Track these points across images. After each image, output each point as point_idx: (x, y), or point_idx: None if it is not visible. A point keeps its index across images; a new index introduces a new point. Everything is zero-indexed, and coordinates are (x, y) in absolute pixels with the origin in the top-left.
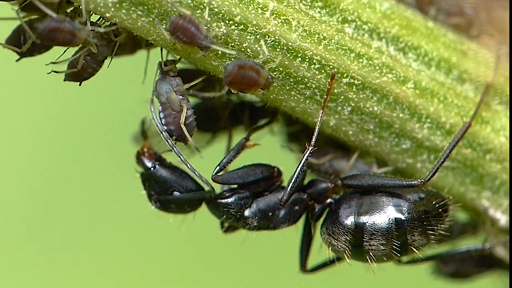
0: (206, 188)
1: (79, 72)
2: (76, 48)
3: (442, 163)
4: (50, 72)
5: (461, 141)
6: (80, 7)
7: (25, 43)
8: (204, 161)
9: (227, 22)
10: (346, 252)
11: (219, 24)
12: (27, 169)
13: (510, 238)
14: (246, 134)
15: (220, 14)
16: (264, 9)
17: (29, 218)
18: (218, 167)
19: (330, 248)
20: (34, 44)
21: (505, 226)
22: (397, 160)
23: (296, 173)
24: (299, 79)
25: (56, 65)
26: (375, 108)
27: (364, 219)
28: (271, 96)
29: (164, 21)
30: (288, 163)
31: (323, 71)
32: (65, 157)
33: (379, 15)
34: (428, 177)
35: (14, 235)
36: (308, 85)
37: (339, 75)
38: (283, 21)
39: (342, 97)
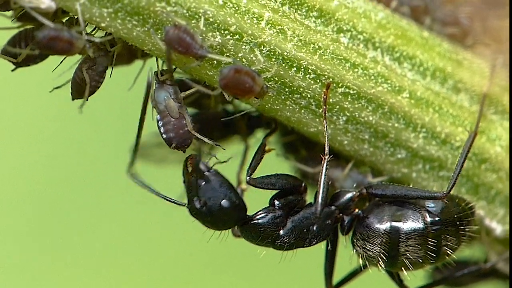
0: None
1: (83, 88)
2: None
3: (459, 173)
4: (52, 91)
5: (456, 151)
6: (76, 17)
7: (21, 53)
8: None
9: (222, 32)
10: (381, 259)
11: (214, 34)
12: (27, 169)
13: (510, 247)
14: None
15: (215, 24)
16: (259, 19)
17: (29, 218)
18: (249, 171)
19: (363, 258)
20: (30, 54)
21: (500, 236)
22: (392, 169)
23: (322, 185)
24: (294, 88)
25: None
26: (370, 118)
27: (399, 222)
28: (267, 106)
29: (159, 31)
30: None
31: (318, 80)
32: (66, 157)
33: (374, 24)
34: (449, 189)
35: (14, 235)
36: (303, 94)
37: (334, 85)
38: (278, 31)
39: (337, 106)
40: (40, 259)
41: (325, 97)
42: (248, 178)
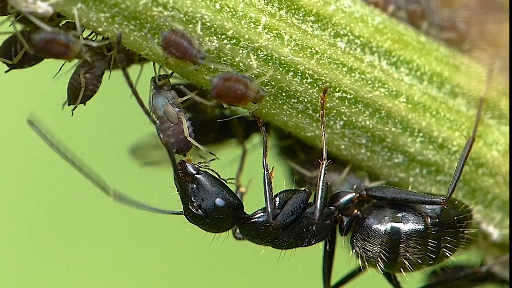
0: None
1: (80, 92)
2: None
3: (458, 178)
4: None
5: (453, 156)
6: (73, 21)
7: (16, 55)
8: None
9: (219, 36)
10: (380, 260)
11: (211, 38)
12: (27, 170)
13: (510, 252)
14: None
15: (213, 29)
16: (257, 23)
17: (29, 219)
18: (272, 211)
19: (362, 258)
20: (25, 56)
21: (497, 240)
22: (389, 174)
23: (320, 188)
24: (292, 93)
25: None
26: (367, 122)
27: (400, 223)
28: (264, 110)
29: (156, 36)
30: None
31: (315, 85)
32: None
33: (371, 29)
34: (449, 194)
35: (14, 235)
36: (300, 99)
37: (331, 89)
38: (275, 35)
39: (334, 111)
40: (40, 260)
41: (322, 101)
42: (273, 223)
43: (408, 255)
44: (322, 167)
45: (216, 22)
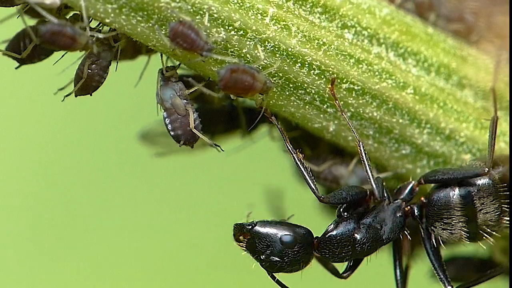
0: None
1: (87, 83)
2: (74, 57)
3: (493, 151)
4: (56, 93)
5: (460, 147)
6: (80, 12)
7: (25, 50)
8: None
9: (226, 27)
10: (463, 233)
11: (218, 29)
12: (27, 170)
13: (510, 243)
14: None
15: (220, 20)
16: (264, 14)
17: (29, 219)
18: (316, 191)
19: (447, 239)
20: (34, 50)
21: (504, 232)
22: (397, 165)
23: (368, 168)
24: (299, 84)
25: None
26: (375, 114)
27: (468, 187)
28: (271, 102)
29: (163, 27)
30: (288, 168)
31: (322, 76)
32: (66, 157)
33: (379, 20)
34: (490, 165)
35: (14, 235)
36: (307, 90)
37: (338, 81)
38: (282, 26)
39: (342, 102)
40: (40, 259)
41: (332, 92)
42: (321, 197)
43: (487, 216)
44: (360, 148)
45: (223, 14)
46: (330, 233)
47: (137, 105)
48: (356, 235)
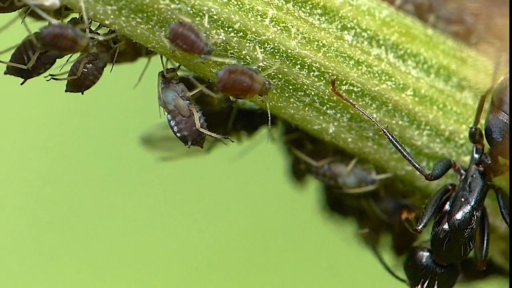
0: None
1: (80, 81)
2: (73, 56)
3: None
4: (49, 79)
5: (460, 149)
6: (80, 14)
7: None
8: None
9: (226, 29)
10: None
11: (218, 31)
12: (27, 170)
13: (510, 244)
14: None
15: (220, 21)
16: (264, 16)
17: (29, 219)
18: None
19: None
20: (39, 60)
21: (504, 233)
22: (396, 167)
23: (404, 152)
24: (298, 86)
25: (55, 73)
26: (374, 115)
27: None
28: (270, 103)
29: (163, 29)
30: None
31: (322, 78)
32: (66, 157)
33: (379, 22)
34: None
35: (14, 235)
36: (307, 92)
37: (338, 82)
38: (282, 28)
39: (341, 104)
40: (40, 259)
41: (336, 92)
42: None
43: None
44: (388, 135)
45: (223, 15)
46: (435, 235)
47: (137, 106)
48: (442, 225)
